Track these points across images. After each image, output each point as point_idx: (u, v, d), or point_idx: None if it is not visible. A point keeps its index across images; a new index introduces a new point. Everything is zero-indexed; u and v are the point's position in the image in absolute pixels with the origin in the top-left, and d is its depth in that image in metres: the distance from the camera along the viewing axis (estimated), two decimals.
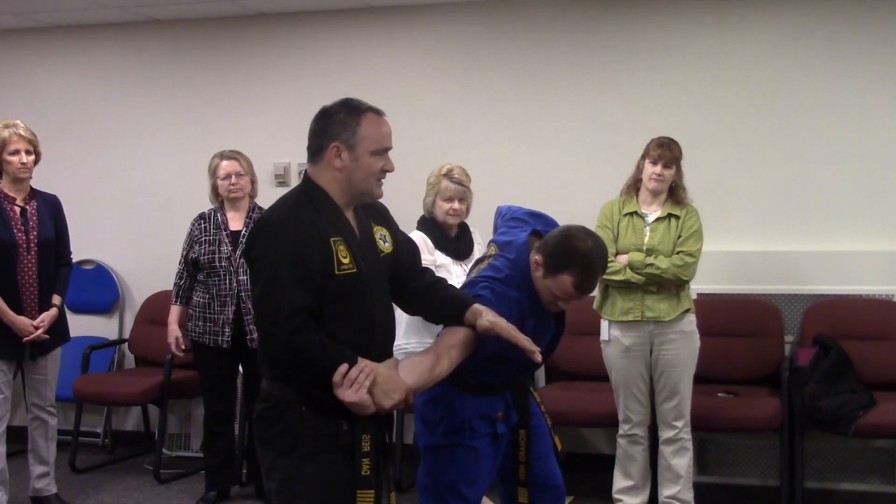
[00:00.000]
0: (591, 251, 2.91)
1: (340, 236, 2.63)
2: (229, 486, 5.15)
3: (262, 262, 2.58)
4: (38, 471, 4.87)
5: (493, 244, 3.16)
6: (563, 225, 3.04)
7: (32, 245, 4.66)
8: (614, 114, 5.49)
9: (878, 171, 5.17)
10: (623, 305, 4.43)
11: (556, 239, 2.95)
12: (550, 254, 2.92)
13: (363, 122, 2.67)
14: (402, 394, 2.59)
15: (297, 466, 2.61)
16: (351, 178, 2.67)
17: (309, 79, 5.98)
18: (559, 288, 2.92)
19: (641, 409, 4.52)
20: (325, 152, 2.67)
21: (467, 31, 5.74)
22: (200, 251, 4.87)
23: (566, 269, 2.89)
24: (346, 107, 2.70)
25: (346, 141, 2.65)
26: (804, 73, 5.26)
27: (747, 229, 5.31)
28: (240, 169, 4.94)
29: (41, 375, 4.80)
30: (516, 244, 3.04)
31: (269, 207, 2.74)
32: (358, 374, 2.53)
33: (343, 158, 2.66)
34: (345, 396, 2.52)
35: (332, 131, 2.67)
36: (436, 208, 4.24)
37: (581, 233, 2.96)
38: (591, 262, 2.92)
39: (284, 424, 2.62)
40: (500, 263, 3.03)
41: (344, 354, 2.55)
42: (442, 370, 2.72)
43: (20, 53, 6.48)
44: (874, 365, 4.86)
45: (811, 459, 4.99)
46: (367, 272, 2.67)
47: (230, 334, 4.84)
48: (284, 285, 2.53)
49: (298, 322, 2.52)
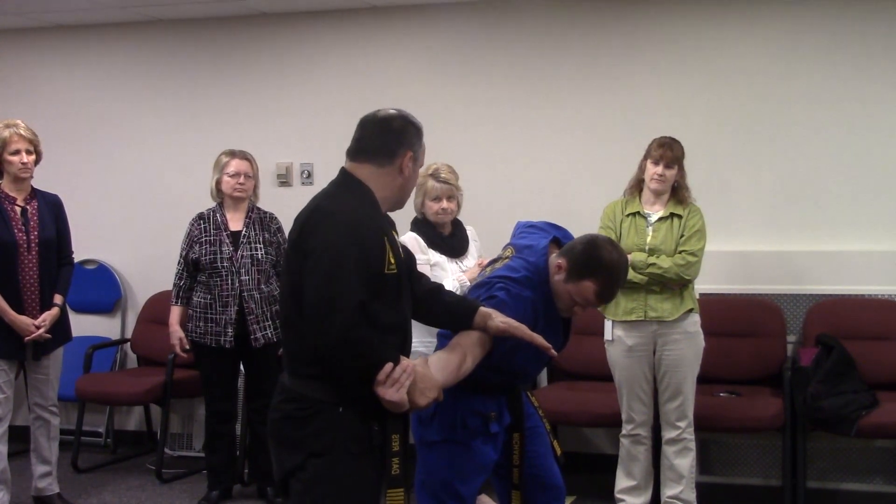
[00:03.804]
0: (616, 262, 2.98)
1: (387, 236, 2.68)
2: (231, 485, 5.15)
3: (324, 253, 2.56)
4: (40, 470, 4.87)
5: (509, 247, 3.19)
6: (589, 233, 3.10)
7: (33, 245, 4.66)
8: (615, 114, 5.49)
9: (881, 170, 5.17)
10: (626, 305, 4.43)
11: (582, 246, 3.00)
12: (576, 260, 2.97)
13: (422, 136, 2.79)
14: (436, 392, 2.64)
15: (328, 468, 2.61)
16: (406, 187, 2.77)
17: (310, 79, 5.98)
18: (580, 294, 2.97)
19: (644, 409, 4.52)
20: (397, 158, 2.72)
21: (468, 31, 5.74)
22: (201, 251, 4.87)
23: (590, 277, 2.95)
24: (412, 121, 2.78)
25: (416, 152, 2.75)
26: (806, 72, 5.25)
27: (749, 229, 5.30)
28: (249, 171, 4.94)
29: (43, 375, 4.80)
30: (536, 248, 3.08)
31: (323, 199, 2.69)
32: (401, 374, 2.56)
33: (411, 168, 2.74)
34: (387, 395, 2.54)
35: (408, 140, 2.74)
36: (425, 208, 4.23)
37: (608, 244, 3.02)
38: (616, 273, 2.98)
39: (319, 425, 2.61)
40: (516, 265, 3.06)
41: (392, 353, 2.58)
42: (468, 367, 2.78)
43: (21, 53, 6.48)
44: (876, 365, 4.85)
45: (813, 459, 4.99)
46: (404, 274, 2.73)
47: (233, 334, 4.84)
48: (348, 278, 2.53)
49: (357, 316, 2.53)
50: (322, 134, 5.92)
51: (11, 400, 4.72)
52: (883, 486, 5.02)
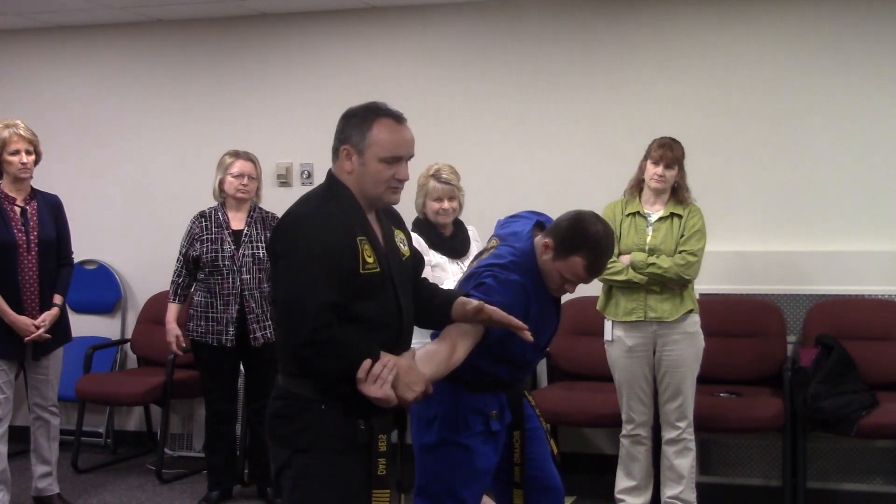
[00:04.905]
0: (602, 234, 3.00)
1: (366, 236, 2.64)
2: (231, 486, 5.15)
3: (290, 257, 2.57)
4: (40, 471, 4.87)
5: (494, 238, 3.20)
6: (573, 210, 3.09)
7: (33, 245, 4.66)
8: (615, 114, 5.49)
9: (881, 170, 5.17)
10: (626, 306, 4.43)
11: (567, 222, 3.01)
12: (563, 236, 2.98)
13: (375, 127, 2.66)
14: (423, 385, 2.61)
15: (312, 465, 2.61)
16: (361, 182, 2.68)
17: (310, 79, 5.97)
18: (569, 270, 2.98)
19: (644, 409, 4.52)
20: (339, 154, 2.69)
21: (468, 31, 5.73)
22: (202, 249, 4.86)
23: (578, 252, 2.96)
24: (364, 110, 2.69)
25: (356, 145, 2.66)
26: (806, 72, 5.25)
27: (749, 229, 5.30)
28: (253, 172, 4.94)
29: (43, 375, 4.80)
30: (521, 233, 3.10)
31: (296, 203, 2.71)
32: (382, 370, 2.53)
33: (353, 162, 2.67)
34: (369, 392, 2.52)
35: (345, 134, 2.69)
36: (427, 209, 4.23)
37: (592, 217, 3.04)
38: (603, 245, 3.00)
39: (303, 423, 2.62)
40: (502, 251, 3.06)
41: (367, 350, 2.55)
42: (458, 358, 2.77)
43: (21, 53, 6.47)
44: (876, 365, 4.85)
45: (813, 460, 4.98)
46: (391, 273, 2.68)
47: (234, 333, 4.84)
48: (313, 280, 2.52)
49: (325, 318, 2.52)
50: (322, 134, 5.82)
51: (11, 400, 4.72)
52: (883, 486, 5.01)
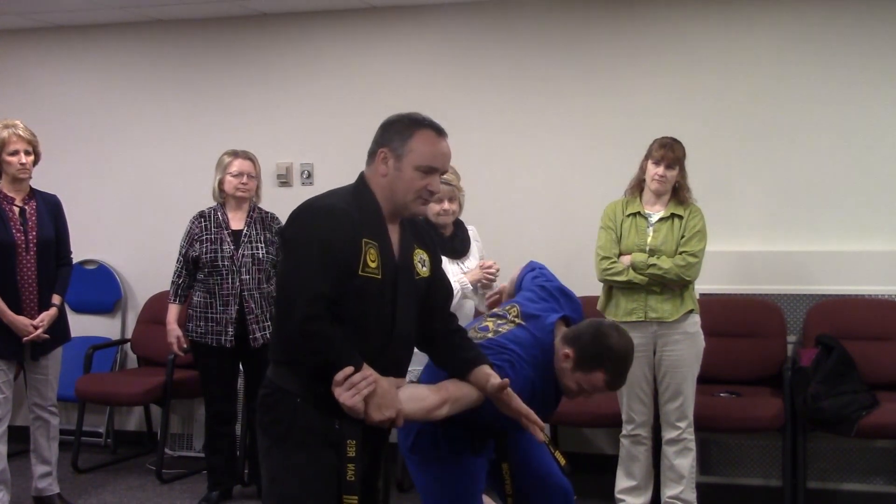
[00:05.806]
0: (625, 349, 2.99)
1: (375, 241, 2.65)
2: (231, 486, 5.15)
3: (294, 243, 2.63)
4: (40, 471, 4.87)
5: (515, 306, 3.17)
6: (593, 319, 3.08)
7: (31, 245, 4.66)
8: (616, 114, 5.49)
9: (882, 171, 5.17)
10: (626, 306, 4.42)
11: (588, 336, 2.99)
12: (584, 350, 2.97)
13: (416, 135, 2.71)
14: (394, 413, 2.61)
15: (287, 455, 2.65)
16: (392, 187, 2.70)
17: (311, 79, 5.97)
18: (589, 383, 2.99)
19: (645, 409, 4.52)
20: (376, 157, 2.72)
21: (469, 31, 5.73)
22: (202, 249, 4.86)
23: (600, 367, 2.96)
24: (407, 118, 2.75)
25: (395, 150, 2.70)
26: (807, 73, 5.25)
27: (749, 229, 5.30)
28: (252, 171, 4.94)
29: (42, 375, 4.80)
30: (543, 324, 3.07)
31: (319, 195, 2.75)
32: (360, 381, 2.54)
33: (388, 166, 2.70)
34: (341, 397, 2.54)
35: (385, 137, 2.72)
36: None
37: (613, 330, 3.01)
38: (625, 361, 3.00)
39: (279, 413, 2.66)
40: (524, 338, 3.03)
41: (352, 357, 2.56)
42: (441, 414, 2.76)
43: (20, 53, 6.47)
44: (876, 365, 4.85)
45: (813, 460, 4.99)
46: (396, 284, 2.68)
47: (233, 334, 4.83)
48: (310, 269, 2.56)
49: (316, 308, 2.54)
50: (322, 134, 5.92)
51: (11, 400, 4.72)
52: (883, 486, 5.01)
